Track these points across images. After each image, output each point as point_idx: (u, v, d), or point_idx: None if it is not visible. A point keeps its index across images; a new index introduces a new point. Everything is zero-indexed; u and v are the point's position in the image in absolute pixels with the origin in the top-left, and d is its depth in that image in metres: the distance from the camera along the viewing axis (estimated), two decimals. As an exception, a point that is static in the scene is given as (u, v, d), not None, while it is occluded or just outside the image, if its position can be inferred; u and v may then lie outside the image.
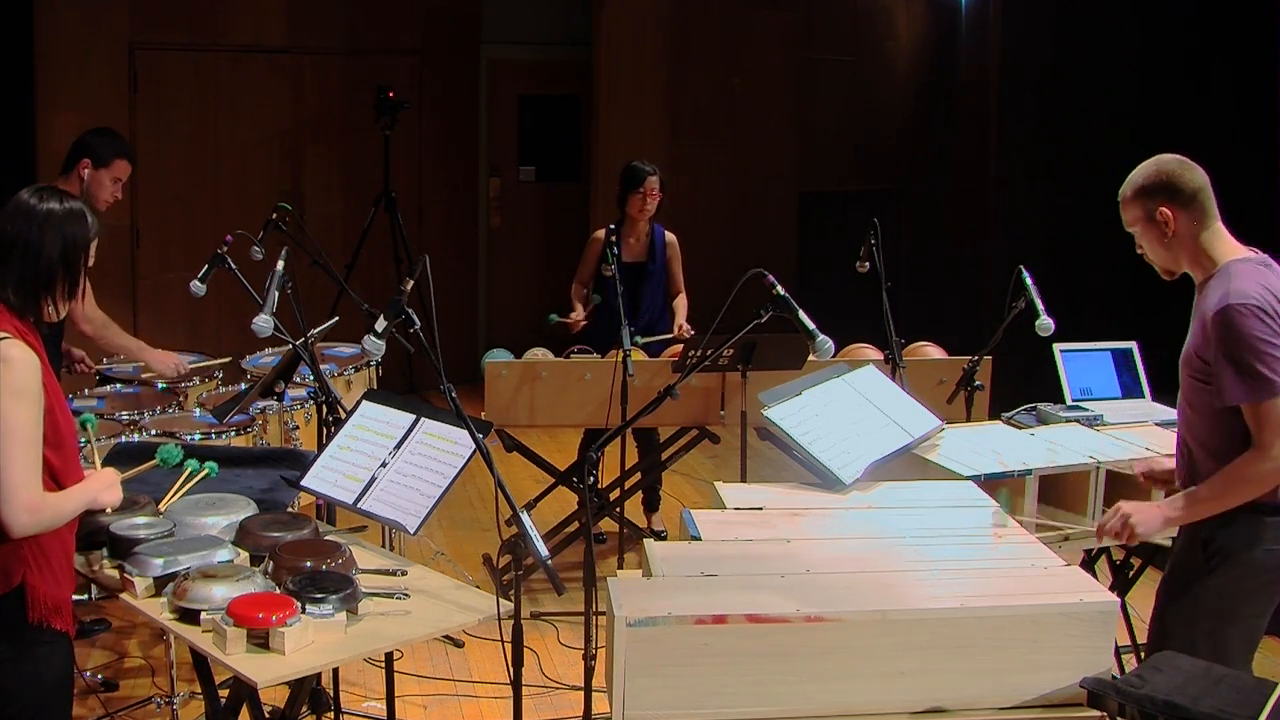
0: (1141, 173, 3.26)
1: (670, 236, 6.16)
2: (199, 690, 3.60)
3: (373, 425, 3.65)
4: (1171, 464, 3.57)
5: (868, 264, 5.03)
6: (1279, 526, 3.12)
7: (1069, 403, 4.59)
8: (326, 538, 3.37)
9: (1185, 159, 3.26)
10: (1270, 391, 3.04)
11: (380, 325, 3.30)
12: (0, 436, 2.71)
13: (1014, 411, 4.56)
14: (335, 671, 4.12)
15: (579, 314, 6.01)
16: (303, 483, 3.64)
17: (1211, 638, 3.15)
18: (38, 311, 2.88)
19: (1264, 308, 3.07)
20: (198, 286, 4.63)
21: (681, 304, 6.14)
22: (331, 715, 4.12)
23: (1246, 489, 3.10)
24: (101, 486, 3.00)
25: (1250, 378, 3.05)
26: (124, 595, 3.12)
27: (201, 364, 5.32)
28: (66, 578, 2.92)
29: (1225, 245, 3.23)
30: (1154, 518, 3.23)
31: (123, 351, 5.21)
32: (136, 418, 4.77)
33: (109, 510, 3.12)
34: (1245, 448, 3.09)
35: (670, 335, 5.93)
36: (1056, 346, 4.64)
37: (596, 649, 3.29)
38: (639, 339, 5.61)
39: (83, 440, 3.26)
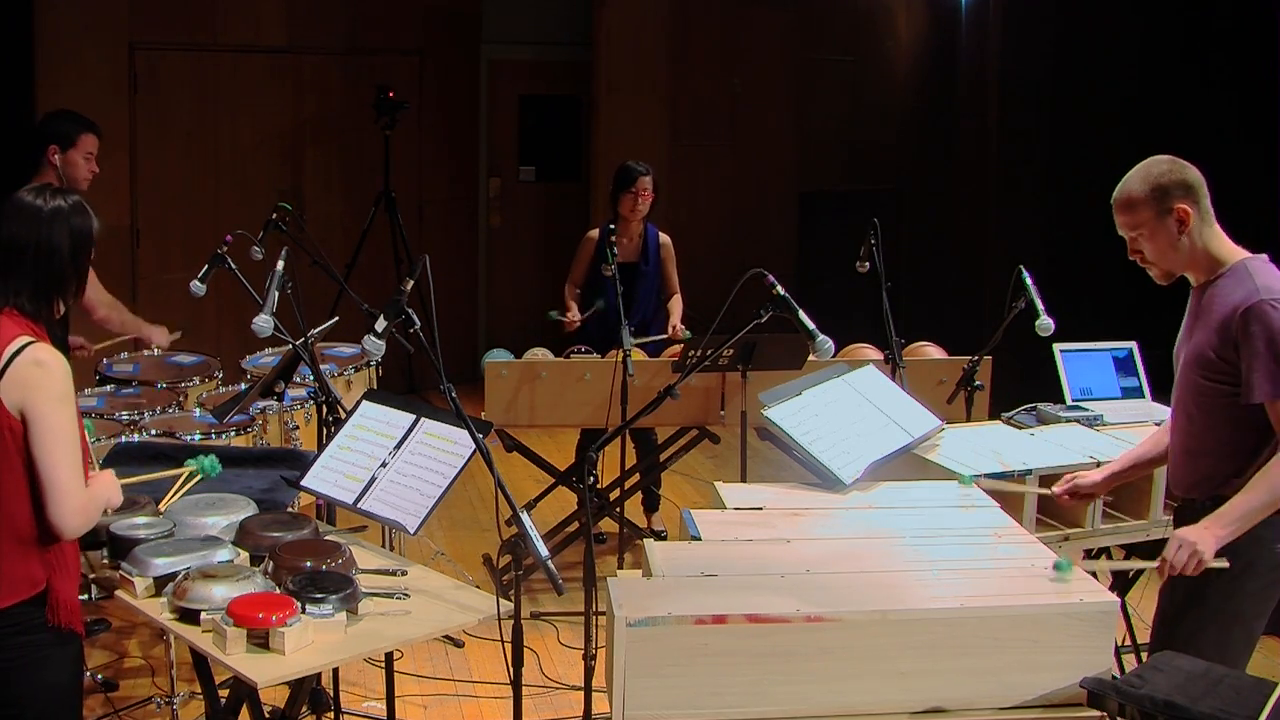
0: (1148, 172, 3.18)
1: (664, 238, 6.13)
2: (199, 690, 3.60)
3: (373, 425, 3.65)
4: (1095, 477, 3.57)
5: (868, 264, 5.03)
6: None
7: (1069, 403, 4.59)
8: (326, 538, 3.37)
9: (1177, 159, 3.23)
10: None
11: (380, 325, 3.30)
12: (48, 442, 2.71)
13: (1014, 411, 4.56)
14: (335, 671, 4.13)
15: (574, 314, 6.00)
16: (303, 483, 3.64)
17: (1217, 639, 3.13)
18: (50, 313, 2.88)
19: None
20: (198, 286, 4.62)
21: (676, 304, 6.11)
22: (331, 715, 4.13)
23: None
24: (110, 489, 3.01)
25: None
26: (124, 595, 3.12)
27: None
28: (78, 579, 2.94)
29: (1228, 245, 3.21)
30: (1211, 541, 3.05)
31: (130, 329, 5.28)
32: (136, 418, 4.77)
33: (108, 511, 3.13)
34: (1261, 447, 3.07)
35: (665, 336, 5.91)
36: (1056, 346, 4.64)
37: (596, 649, 3.29)
38: (632, 339, 5.59)
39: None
